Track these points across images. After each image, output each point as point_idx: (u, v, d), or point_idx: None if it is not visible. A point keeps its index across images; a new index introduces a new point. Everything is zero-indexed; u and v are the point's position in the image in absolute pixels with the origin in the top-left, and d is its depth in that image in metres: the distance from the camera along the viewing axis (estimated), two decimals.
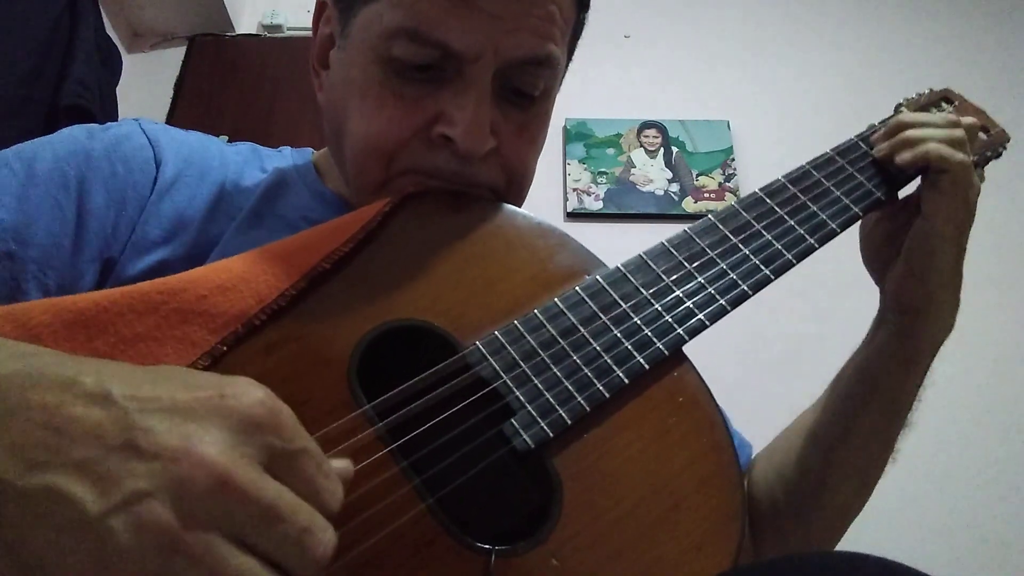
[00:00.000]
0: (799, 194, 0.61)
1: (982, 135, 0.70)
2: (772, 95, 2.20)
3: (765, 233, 0.58)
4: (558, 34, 0.56)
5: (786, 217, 0.59)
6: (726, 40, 2.30)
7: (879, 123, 0.69)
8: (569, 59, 0.64)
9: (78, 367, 0.33)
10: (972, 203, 0.62)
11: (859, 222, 0.64)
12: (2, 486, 0.29)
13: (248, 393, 0.33)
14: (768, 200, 0.60)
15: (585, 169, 2.08)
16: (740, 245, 0.57)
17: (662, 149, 2.13)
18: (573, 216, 2.01)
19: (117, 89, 1.80)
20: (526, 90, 0.58)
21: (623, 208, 2.02)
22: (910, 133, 0.63)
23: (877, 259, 0.67)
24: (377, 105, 0.55)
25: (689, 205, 2.02)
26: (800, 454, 0.68)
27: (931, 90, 0.75)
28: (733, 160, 2.09)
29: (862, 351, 0.68)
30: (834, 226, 0.60)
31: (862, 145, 0.65)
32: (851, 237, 0.67)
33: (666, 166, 2.10)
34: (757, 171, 2.07)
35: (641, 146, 2.13)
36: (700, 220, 0.58)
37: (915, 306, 0.63)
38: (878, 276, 0.67)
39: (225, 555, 0.30)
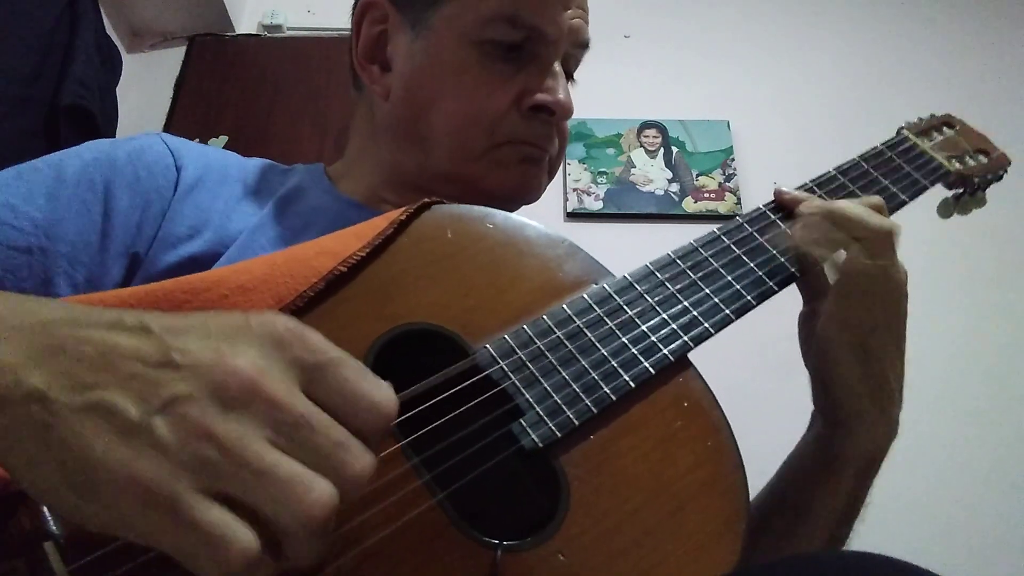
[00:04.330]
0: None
1: (982, 158, 0.72)
2: (772, 95, 2.20)
3: (769, 247, 0.59)
4: None
5: (789, 230, 0.60)
6: (726, 40, 2.30)
7: (881, 144, 0.70)
8: None
9: (118, 311, 0.36)
10: (888, 303, 0.56)
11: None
12: (55, 406, 0.32)
13: (274, 317, 0.35)
14: (771, 214, 0.62)
15: (585, 169, 2.08)
16: (745, 257, 0.58)
17: (662, 149, 2.13)
18: (573, 216, 2.01)
19: (117, 89, 1.80)
20: (570, 70, 0.70)
21: (623, 208, 2.03)
22: (819, 215, 0.57)
23: (805, 358, 0.61)
24: (476, 83, 0.64)
25: (689, 205, 2.03)
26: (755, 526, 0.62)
27: (932, 115, 0.76)
28: (733, 160, 2.10)
29: (794, 451, 0.63)
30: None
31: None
32: None
33: (666, 166, 2.10)
34: (757, 171, 2.07)
35: (641, 146, 2.13)
36: (705, 233, 0.60)
37: (830, 418, 0.59)
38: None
39: (259, 448, 0.31)
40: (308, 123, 2.06)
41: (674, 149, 2.13)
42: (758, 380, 1.71)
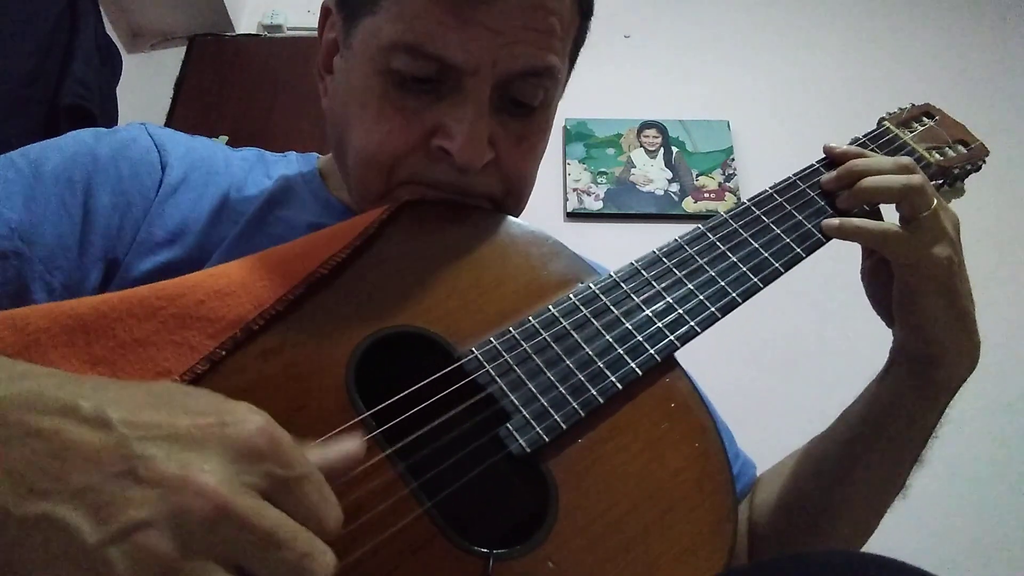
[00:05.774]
0: (785, 204, 0.62)
1: (961, 148, 0.71)
2: (772, 95, 2.20)
3: (753, 242, 0.59)
4: (558, 45, 0.56)
5: (773, 226, 0.60)
6: (726, 40, 2.30)
7: (863, 135, 0.70)
8: (571, 67, 0.64)
9: (76, 390, 0.32)
10: (950, 246, 0.59)
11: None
12: (0, 512, 0.29)
13: (248, 420, 0.33)
14: (755, 209, 0.61)
15: (585, 169, 2.08)
16: (729, 253, 0.58)
17: (662, 149, 2.13)
18: (573, 216, 2.01)
19: (117, 89, 1.80)
20: (526, 100, 0.57)
21: (623, 208, 2.02)
22: (866, 184, 0.60)
23: (878, 305, 0.65)
24: (377, 118, 0.56)
25: (689, 205, 2.03)
26: (803, 483, 0.67)
27: (913, 105, 0.75)
28: (733, 160, 2.09)
29: (874, 386, 0.66)
30: (820, 234, 0.61)
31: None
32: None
33: (666, 166, 2.10)
34: (757, 171, 2.07)
35: (641, 146, 2.13)
36: (690, 229, 0.59)
37: (923, 355, 0.62)
38: (886, 319, 0.65)
39: None
40: (308, 123, 2.06)
41: (674, 149, 2.13)
42: (756, 380, 1.70)
